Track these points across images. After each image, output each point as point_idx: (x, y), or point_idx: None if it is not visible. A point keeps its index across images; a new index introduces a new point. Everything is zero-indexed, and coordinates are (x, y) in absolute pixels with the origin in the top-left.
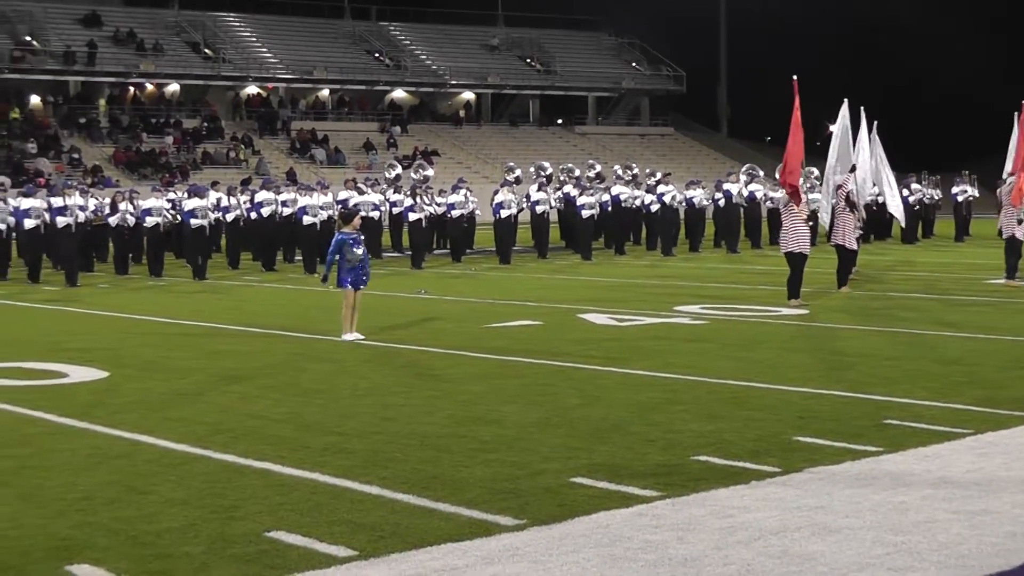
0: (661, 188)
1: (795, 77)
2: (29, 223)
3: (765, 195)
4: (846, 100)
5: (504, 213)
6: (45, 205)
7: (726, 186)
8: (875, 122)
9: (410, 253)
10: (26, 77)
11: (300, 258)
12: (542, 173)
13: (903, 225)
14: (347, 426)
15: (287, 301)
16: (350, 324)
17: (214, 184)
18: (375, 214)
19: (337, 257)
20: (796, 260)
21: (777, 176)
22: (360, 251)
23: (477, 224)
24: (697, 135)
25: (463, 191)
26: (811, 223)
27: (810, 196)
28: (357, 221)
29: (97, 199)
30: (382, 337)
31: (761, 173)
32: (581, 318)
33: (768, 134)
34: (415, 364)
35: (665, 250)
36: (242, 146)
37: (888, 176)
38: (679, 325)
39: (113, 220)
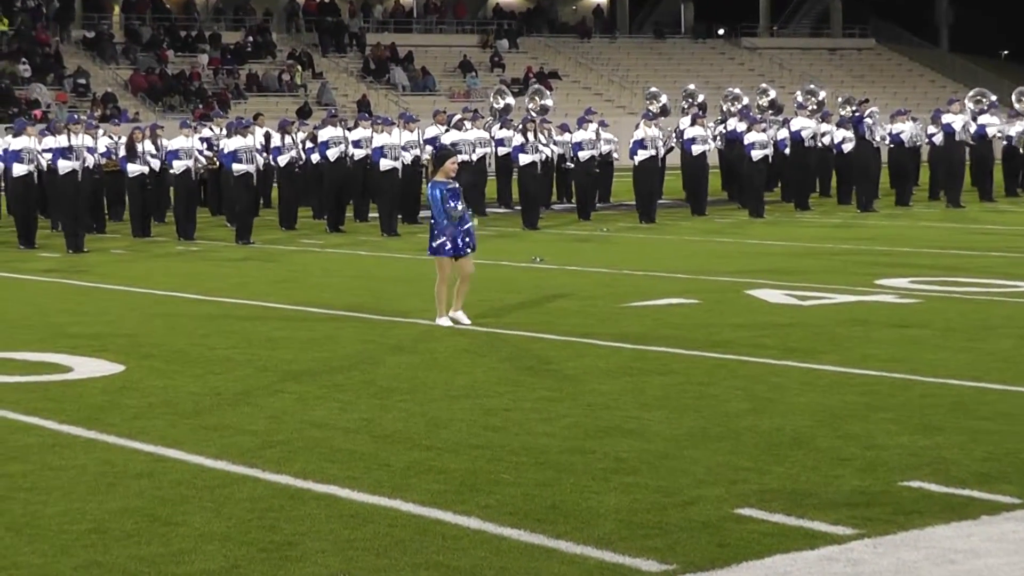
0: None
1: None
2: (20, 169)
3: (1000, 131)
4: None
5: (646, 155)
6: (41, 146)
7: (946, 118)
8: None
9: (521, 208)
10: None
11: (376, 215)
12: (693, 101)
13: None
14: (438, 438)
15: (359, 272)
16: (446, 304)
17: (257, 117)
18: (475, 156)
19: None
20: None
21: (1016, 103)
22: (460, 206)
23: (613, 169)
24: (907, 49)
25: (592, 126)
26: None
27: None
28: (452, 166)
29: (110, 137)
30: (485, 320)
31: (994, 100)
32: (750, 295)
33: (1004, 47)
34: (527, 355)
35: (863, 204)
36: (299, 67)
37: None
38: (882, 305)
39: (132, 167)
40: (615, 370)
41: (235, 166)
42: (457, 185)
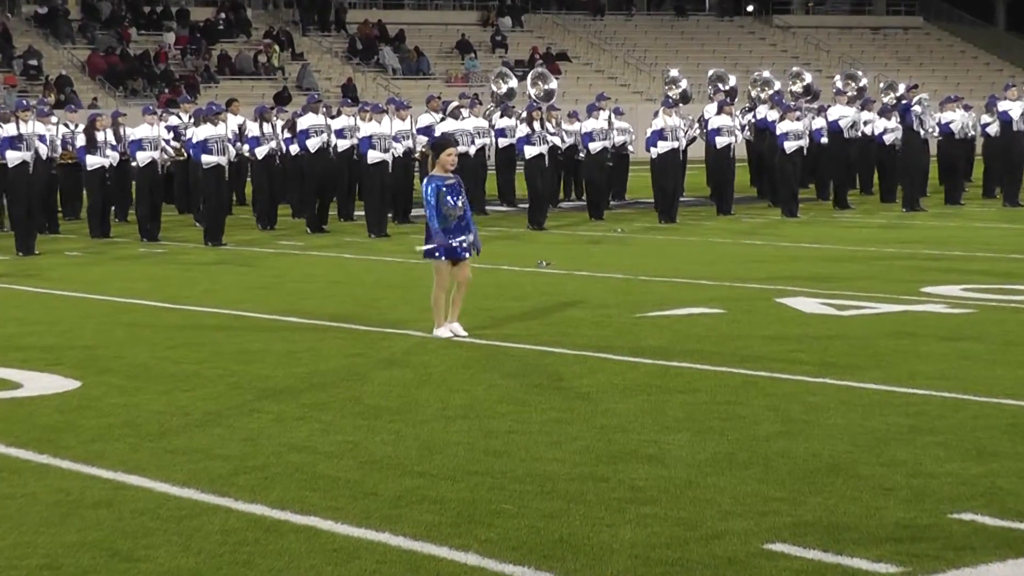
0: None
1: None
2: None
3: None
4: None
5: (665, 146)
6: None
7: (1002, 105)
8: None
9: (526, 206)
10: None
11: (363, 213)
12: (720, 87)
13: None
14: (432, 463)
15: (345, 277)
16: (444, 313)
17: (230, 104)
18: (473, 148)
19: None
20: None
21: None
22: (460, 203)
23: (628, 163)
24: (959, 28)
25: (604, 114)
26: None
27: None
28: (448, 158)
29: (66, 126)
30: (485, 331)
31: None
32: (782, 304)
33: None
34: (533, 371)
35: (909, 202)
36: (277, 48)
37: None
38: (930, 315)
39: (91, 159)
40: (632, 388)
41: (205, 158)
42: (457, 180)
